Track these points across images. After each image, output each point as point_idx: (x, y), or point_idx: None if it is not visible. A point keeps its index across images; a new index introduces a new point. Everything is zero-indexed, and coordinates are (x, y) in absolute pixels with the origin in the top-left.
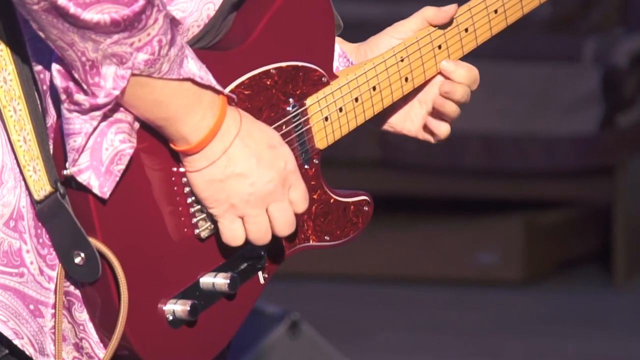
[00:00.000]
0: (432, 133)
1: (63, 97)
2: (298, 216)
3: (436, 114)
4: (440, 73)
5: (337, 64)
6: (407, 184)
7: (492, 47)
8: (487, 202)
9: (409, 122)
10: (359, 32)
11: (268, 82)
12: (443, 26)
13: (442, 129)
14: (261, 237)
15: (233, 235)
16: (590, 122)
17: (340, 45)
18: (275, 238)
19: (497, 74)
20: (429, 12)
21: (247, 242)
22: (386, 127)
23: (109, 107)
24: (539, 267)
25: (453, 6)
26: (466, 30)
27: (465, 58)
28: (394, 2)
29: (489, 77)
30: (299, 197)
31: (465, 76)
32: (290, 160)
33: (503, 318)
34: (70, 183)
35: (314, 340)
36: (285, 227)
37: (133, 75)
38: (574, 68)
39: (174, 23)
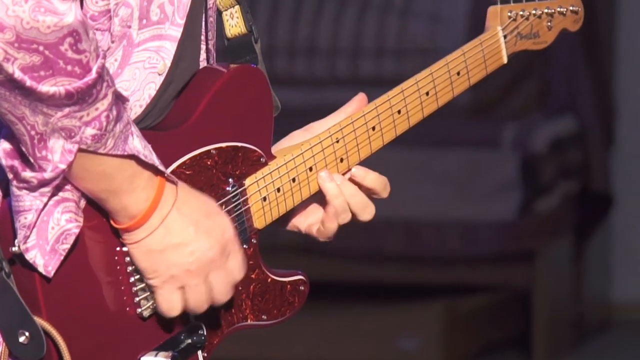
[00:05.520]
0: (319, 230)
1: (10, 175)
2: (237, 295)
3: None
4: (350, 180)
5: None
6: (328, 270)
7: (413, 134)
8: (407, 288)
9: (303, 217)
10: (278, 118)
11: (209, 162)
12: (378, 107)
13: (333, 226)
14: (200, 305)
15: (170, 307)
16: (509, 208)
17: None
18: (213, 317)
19: (417, 161)
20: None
21: (187, 319)
22: (290, 226)
23: (57, 182)
24: (459, 352)
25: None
26: (399, 112)
27: (386, 144)
28: (317, 89)
29: (408, 163)
30: (237, 265)
31: (376, 180)
32: (229, 228)
33: None
34: (16, 261)
35: None
36: (224, 295)
37: (80, 150)
38: (493, 154)
39: (120, 99)
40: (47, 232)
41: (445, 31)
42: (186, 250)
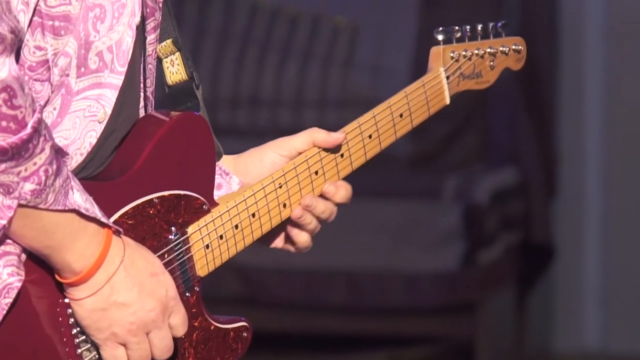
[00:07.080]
0: (293, 242)
1: None
2: (180, 343)
3: (296, 224)
4: (321, 195)
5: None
6: (270, 321)
7: (354, 184)
8: (349, 339)
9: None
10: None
11: (151, 211)
12: (321, 151)
13: (303, 238)
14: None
15: None
16: (451, 259)
17: None
18: None
19: (359, 211)
20: (318, 135)
21: None
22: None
23: None
24: None
25: (342, 134)
26: (342, 155)
27: None
28: (260, 139)
29: (351, 214)
30: (178, 323)
31: (345, 196)
32: (171, 287)
33: None
34: None
35: None
36: (164, 352)
37: (20, 205)
38: (434, 205)
39: (60, 153)
40: None
41: (388, 82)
42: (128, 311)
